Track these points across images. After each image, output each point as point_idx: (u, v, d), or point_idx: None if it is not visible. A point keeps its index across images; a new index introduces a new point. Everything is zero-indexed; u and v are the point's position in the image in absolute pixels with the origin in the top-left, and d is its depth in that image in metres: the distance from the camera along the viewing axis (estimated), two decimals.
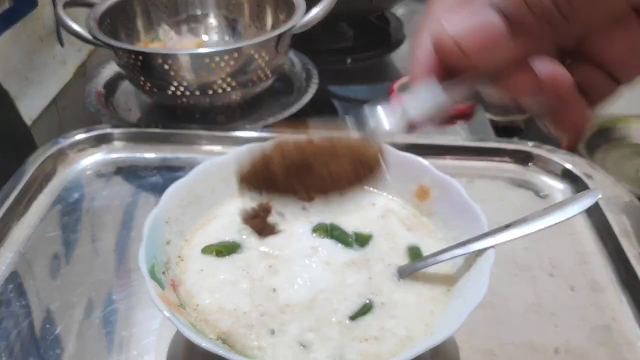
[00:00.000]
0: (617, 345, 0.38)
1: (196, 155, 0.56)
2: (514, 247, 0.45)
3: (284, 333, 0.34)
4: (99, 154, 0.56)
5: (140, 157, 0.56)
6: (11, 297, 0.41)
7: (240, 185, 0.29)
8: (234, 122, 0.64)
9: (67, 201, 0.51)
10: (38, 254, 0.45)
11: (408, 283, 0.37)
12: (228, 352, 0.30)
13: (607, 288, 0.42)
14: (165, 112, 0.66)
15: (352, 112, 0.69)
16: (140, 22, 0.69)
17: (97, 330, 0.39)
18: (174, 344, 0.37)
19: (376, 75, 0.80)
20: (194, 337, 0.30)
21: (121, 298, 0.41)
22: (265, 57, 0.59)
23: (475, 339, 0.38)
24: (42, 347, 0.38)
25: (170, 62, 0.56)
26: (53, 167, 0.54)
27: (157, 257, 0.35)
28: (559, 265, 0.44)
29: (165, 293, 0.33)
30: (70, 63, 0.77)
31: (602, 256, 0.45)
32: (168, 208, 0.39)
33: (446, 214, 0.40)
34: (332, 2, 0.60)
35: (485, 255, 0.35)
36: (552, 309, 0.40)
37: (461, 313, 0.32)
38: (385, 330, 0.34)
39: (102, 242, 0.46)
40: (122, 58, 0.58)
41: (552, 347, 0.38)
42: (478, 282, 0.34)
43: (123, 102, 0.68)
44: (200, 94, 0.59)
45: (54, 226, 0.48)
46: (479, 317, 0.39)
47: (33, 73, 0.67)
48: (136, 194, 0.52)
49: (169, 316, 0.30)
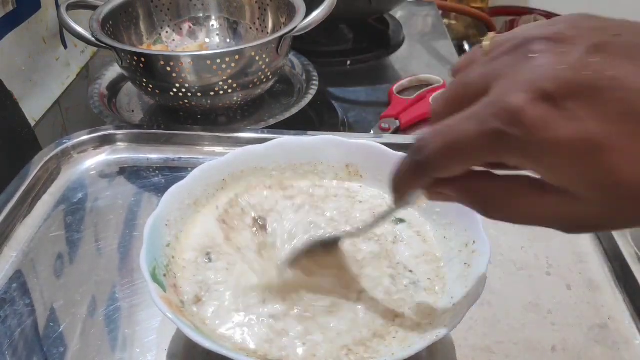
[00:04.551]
0: (614, 343, 0.39)
1: (198, 156, 0.57)
2: (511, 246, 0.46)
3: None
4: (102, 154, 0.57)
5: (143, 158, 0.57)
6: (15, 296, 0.42)
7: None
8: (235, 123, 0.65)
9: (71, 201, 0.51)
10: (42, 253, 0.46)
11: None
12: (229, 352, 0.30)
13: (604, 287, 0.43)
14: (168, 114, 0.67)
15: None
16: (143, 25, 0.70)
17: (100, 328, 0.39)
18: (175, 342, 0.38)
19: (375, 77, 0.80)
20: (197, 337, 0.30)
21: (124, 297, 0.42)
22: (266, 59, 0.59)
23: (472, 337, 0.38)
24: (45, 345, 0.38)
25: (173, 64, 0.56)
26: (57, 167, 0.54)
27: (158, 260, 0.36)
28: (556, 264, 0.45)
29: (167, 295, 0.34)
30: (73, 65, 0.77)
31: (598, 255, 0.46)
32: (168, 210, 0.39)
33: (441, 211, 0.41)
34: (332, 4, 0.60)
35: (482, 253, 0.36)
36: (549, 308, 0.41)
37: (458, 311, 0.32)
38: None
39: (106, 241, 0.47)
40: (124, 60, 0.59)
41: (549, 345, 0.38)
42: (475, 280, 0.34)
43: (126, 104, 0.68)
44: (202, 96, 0.59)
45: (58, 226, 0.48)
46: (476, 315, 0.40)
47: (37, 74, 0.68)
48: (139, 194, 0.52)
49: (172, 318, 0.31)
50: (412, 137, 0.63)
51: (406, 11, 0.99)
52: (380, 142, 0.45)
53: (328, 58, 0.83)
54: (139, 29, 0.70)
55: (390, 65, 0.84)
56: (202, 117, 0.65)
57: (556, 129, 0.20)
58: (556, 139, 0.20)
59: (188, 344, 0.37)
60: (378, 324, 0.35)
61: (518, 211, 0.24)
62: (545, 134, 0.20)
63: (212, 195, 0.43)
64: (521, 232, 0.48)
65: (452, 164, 0.24)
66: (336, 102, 0.73)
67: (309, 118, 0.67)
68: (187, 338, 0.30)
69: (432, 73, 0.75)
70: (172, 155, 0.57)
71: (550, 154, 0.21)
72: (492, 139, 0.21)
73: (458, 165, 0.24)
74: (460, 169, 0.24)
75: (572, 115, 0.20)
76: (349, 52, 0.86)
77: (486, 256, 0.35)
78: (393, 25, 0.92)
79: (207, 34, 0.74)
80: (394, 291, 0.37)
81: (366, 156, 0.45)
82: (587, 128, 0.20)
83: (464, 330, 0.39)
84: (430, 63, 0.84)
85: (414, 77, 0.74)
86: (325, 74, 0.71)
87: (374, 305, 0.36)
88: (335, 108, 0.71)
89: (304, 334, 0.34)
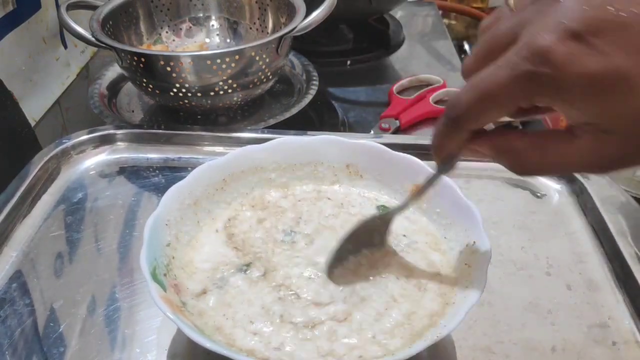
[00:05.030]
0: (614, 343, 0.39)
1: (198, 156, 0.57)
2: (511, 246, 0.46)
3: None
4: (102, 154, 0.57)
5: (143, 158, 0.57)
6: (15, 295, 0.42)
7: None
8: (235, 123, 0.65)
9: (71, 201, 0.51)
10: (42, 253, 0.46)
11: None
12: (230, 352, 0.30)
13: (604, 287, 0.43)
14: (168, 113, 0.66)
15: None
16: (143, 25, 0.70)
17: (100, 328, 0.39)
18: (175, 342, 0.38)
19: (375, 77, 0.80)
20: (197, 337, 0.30)
21: (124, 296, 0.42)
22: (266, 59, 0.59)
23: (472, 337, 0.39)
24: (45, 344, 0.38)
25: (172, 64, 0.56)
26: (57, 167, 0.54)
27: (158, 260, 0.36)
28: (556, 264, 0.45)
29: (167, 294, 0.34)
30: (73, 65, 0.77)
31: (598, 255, 0.46)
32: (168, 210, 0.39)
33: (441, 212, 0.41)
34: (332, 4, 0.60)
35: (482, 253, 0.36)
36: (549, 308, 0.41)
37: (459, 311, 0.32)
38: None
39: (105, 241, 0.47)
40: (124, 60, 0.59)
41: (549, 345, 0.38)
42: (475, 281, 0.34)
43: (126, 104, 0.68)
44: (202, 96, 0.59)
45: (58, 226, 0.48)
46: (477, 315, 0.40)
47: (37, 74, 0.68)
48: (139, 194, 0.52)
49: (173, 318, 0.31)
50: (412, 137, 0.63)
51: (406, 11, 0.99)
52: (380, 142, 0.45)
53: (328, 58, 0.83)
54: (139, 29, 0.70)
55: (390, 65, 0.84)
56: (202, 117, 0.65)
57: (585, 64, 0.21)
58: (585, 73, 0.22)
59: (188, 344, 0.37)
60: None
61: (552, 161, 0.25)
62: (574, 69, 0.22)
63: (212, 195, 0.43)
64: (521, 232, 0.48)
65: (486, 113, 0.25)
66: (336, 102, 0.73)
67: (309, 118, 0.67)
68: (188, 338, 0.30)
69: (432, 73, 0.75)
70: (172, 155, 0.57)
71: (580, 89, 0.22)
72: (524, 81, 0.23)
73: (492, 113, 0.25)
74: (494, 116, 0.25)
75: (599, 50, 0.21)
76: (349, 52, 0.86)
77: (486, 256, 0.35)
78: (393, 25, 0.92)
79: (207, 34, 0.74)
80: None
81: (366, 156, 0.45)
82: (614, 61, 0.21)
83: (464, 330, 0.39)
84: (430, 63, 0.84)
85: (414, 77, 0.74)
86: (325, 74, 0.71)
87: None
88: (335, 108, 0.71)
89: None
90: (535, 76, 0.22)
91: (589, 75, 0.22)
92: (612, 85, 0.22)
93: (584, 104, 0.23)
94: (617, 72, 0.21)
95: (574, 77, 0.22)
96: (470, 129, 0.26)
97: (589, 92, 0.22)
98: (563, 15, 0.22)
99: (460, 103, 0.25)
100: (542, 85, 0.22)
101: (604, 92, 0.22)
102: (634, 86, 0.21)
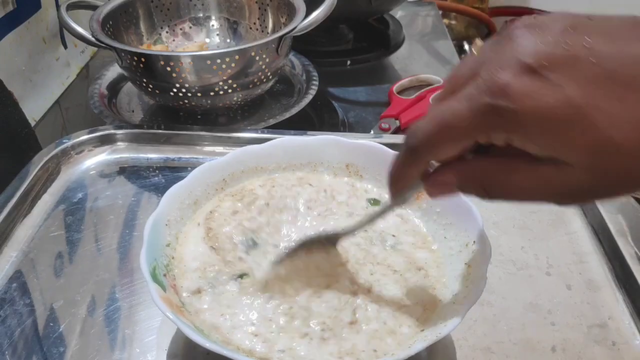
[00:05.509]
0: (614, 343, 0.39)
1: (198, 156, 0.57)
2: (511, 246, 0.46)
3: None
4: (102, 154, 0.57)
5: (143, 158, 0.57)
6: (15, 295, 0.42)
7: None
8: (235, 123, 0.65)
9: (71, 201, 0.51)
10: (42, 253, 0.46)
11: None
12: (230, 352, 0.30)
13: (604, 287, 0.43)
14: (168, 113, 0.67)
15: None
16: (143, 25, 0.70)
17: (100, 328, 0.39)
18: (175, 342, 0.38)
19: (375, 77, 0.80)
20: (197, 338, 0.30)
21: (124, 296, 0.42)
22: (266, 59, 0.59)
23: (472, 337, 0.39)
24: (45, 344, 0.38)
25: (172, 64, 0.56)
26: (57, 167, 0.54)
27: (158, 260, 0.36)
28: (556, 264, 0.45)
29: (167, 294, 0.34)
30: (73, 65, 0.77)
31: (598, 255, 0.46)
32: (167, 210, 0.39)
33: (441, 212, 0.41)
34: (332, 4, 0.60)
35: (482, 253, 0.36)
36: (549, 308, 0.41)
37: (458, 311, 0.32)
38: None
39: (105, 241, 0.47)
40: (124, 60, 0.59)
41: (549, 345, 0.38)
42: (475, 280, 0.34)
43: (126, 104, 0.68)
44: (202, 96, 0.59)
45: (58, 225, 0.48)
46: (477, 315, 0.40)
47: (37, 74, 0.68)
48: (139, 194, 0.52)
49: (173, 319, 0.31)
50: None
51: (406, 11, 0.99)
52: (380, 142, 0.45)
53: (328, 58, 0.83)
54: (139, 29, 0.70)
55: (390, 65, 0.84)
56: (202, 117, 0.65)
57: (540, 98, 0.22)
58: (541, 107, 0.22)
59: (188, 344, 0.37)
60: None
61: (515, 186, 0.25)
62: (531, 103, 0.22)
63: (212, 195, 0.43)
64: (521, 232, 0.48)
65: (443, 144, 0.25)
66: (336, 102, 0.73)
67: (309, 118, 0.67)
68: (187, 338, 0.30)
69: (432, 73, 0.75)
70: (172, 155, 0.57)
71: (538, 123, 0.22)
72: (482, 113, 0.23)
73: (450, 145, 0.25)
74: (452, 148, 0.25)
75: (553, 83, 0.22)
76: (349, 52, 0.86)
77: (486, 256, 0.35)
78: (393, 25, 0.92)
79: (207, 34, 0.74)
80: (388, 295, 0.37)
81: (366, 156, 0.45)
82: (568, 93, 0.22)
83: (464, 330, 0.39)
84: (430, 63, 0.84)
85: (414, 77, 0.74)
86: (325, 74, 0.71)
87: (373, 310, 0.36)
88: (335, 108, 0.71)
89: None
90: (493, 109, 0.23)
91: (544, 109, 0.22)
92: (566, 116, 0.22)
93: (542, 138, 0.23)
94: (569, 104, 0.22)
95: (530, 111, 0.22)
96: (428, 160, 0.27)
97: (545, 126, 0.22)
98: (519, 52, 0.23)
99: (418, 132, 0.25)
100: (500, 118, 0.23)
101: (560, 125, 0.22)
102: (587, 115, 0.21)
